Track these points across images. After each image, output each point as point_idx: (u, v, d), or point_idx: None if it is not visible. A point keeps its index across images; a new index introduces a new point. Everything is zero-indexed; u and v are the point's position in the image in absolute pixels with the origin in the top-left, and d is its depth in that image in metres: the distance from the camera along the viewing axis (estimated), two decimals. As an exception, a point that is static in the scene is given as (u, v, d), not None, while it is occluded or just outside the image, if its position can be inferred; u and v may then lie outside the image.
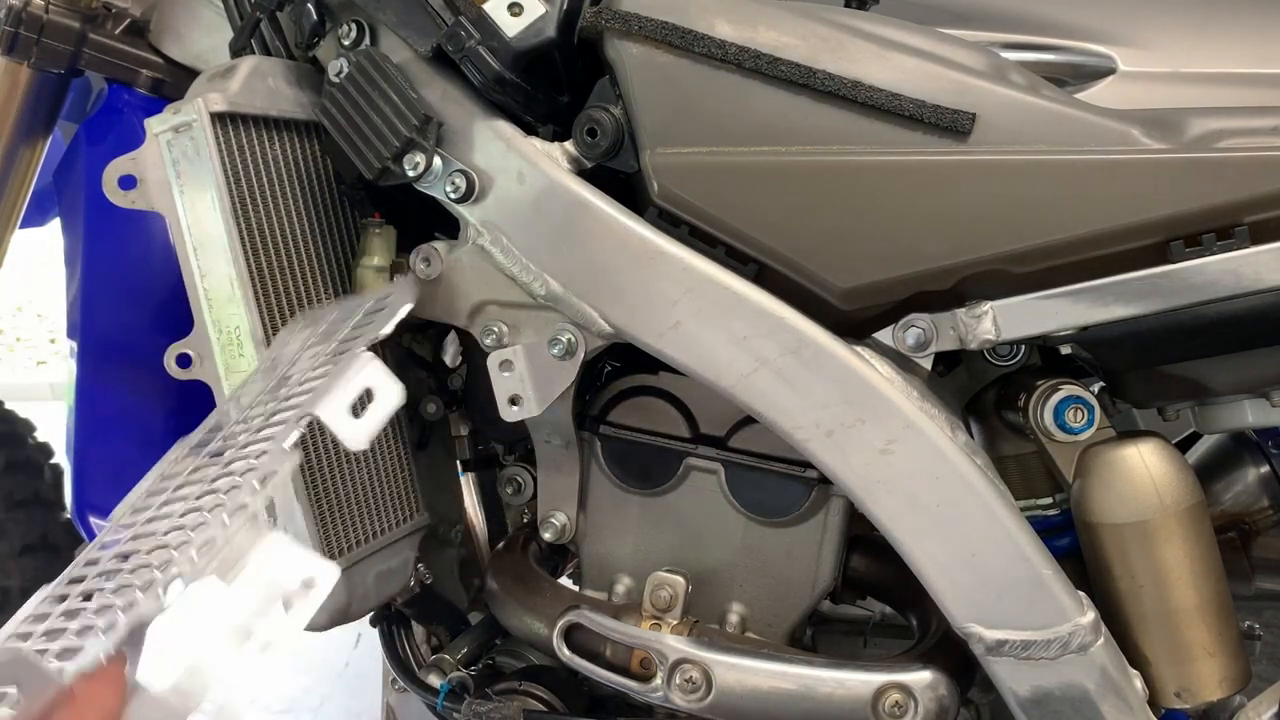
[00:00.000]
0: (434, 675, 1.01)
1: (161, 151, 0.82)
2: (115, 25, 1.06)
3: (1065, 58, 1.04)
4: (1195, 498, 0.83)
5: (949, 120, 0.80)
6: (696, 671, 0.84)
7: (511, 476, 1.05)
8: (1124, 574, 0.83)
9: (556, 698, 0.95)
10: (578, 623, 0.88)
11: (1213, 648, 0.82)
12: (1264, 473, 1.03)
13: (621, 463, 0.96)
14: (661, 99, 0.83)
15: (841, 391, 0.79)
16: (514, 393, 0.87)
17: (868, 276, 0.81)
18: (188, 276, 0.84)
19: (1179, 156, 0.77)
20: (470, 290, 0.88)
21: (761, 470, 0.92)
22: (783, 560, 0.93)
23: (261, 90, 0.86)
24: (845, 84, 0.81)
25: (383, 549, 0.95)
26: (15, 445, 1.34)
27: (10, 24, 1.00)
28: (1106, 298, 0.78)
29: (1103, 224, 0.77)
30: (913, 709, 0.81)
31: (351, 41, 0.88)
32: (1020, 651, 0.78)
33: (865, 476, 0.80)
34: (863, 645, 1.16)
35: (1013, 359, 0.96)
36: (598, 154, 0.85)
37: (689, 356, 0.82)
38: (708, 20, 0.83)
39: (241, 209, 0.83)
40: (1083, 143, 0.79)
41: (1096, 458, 0.84)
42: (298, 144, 0.91)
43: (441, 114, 0.85)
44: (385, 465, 0.97)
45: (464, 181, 0.84)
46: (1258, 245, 0.75)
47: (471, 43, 0.83)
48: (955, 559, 0.78)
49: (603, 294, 0.83)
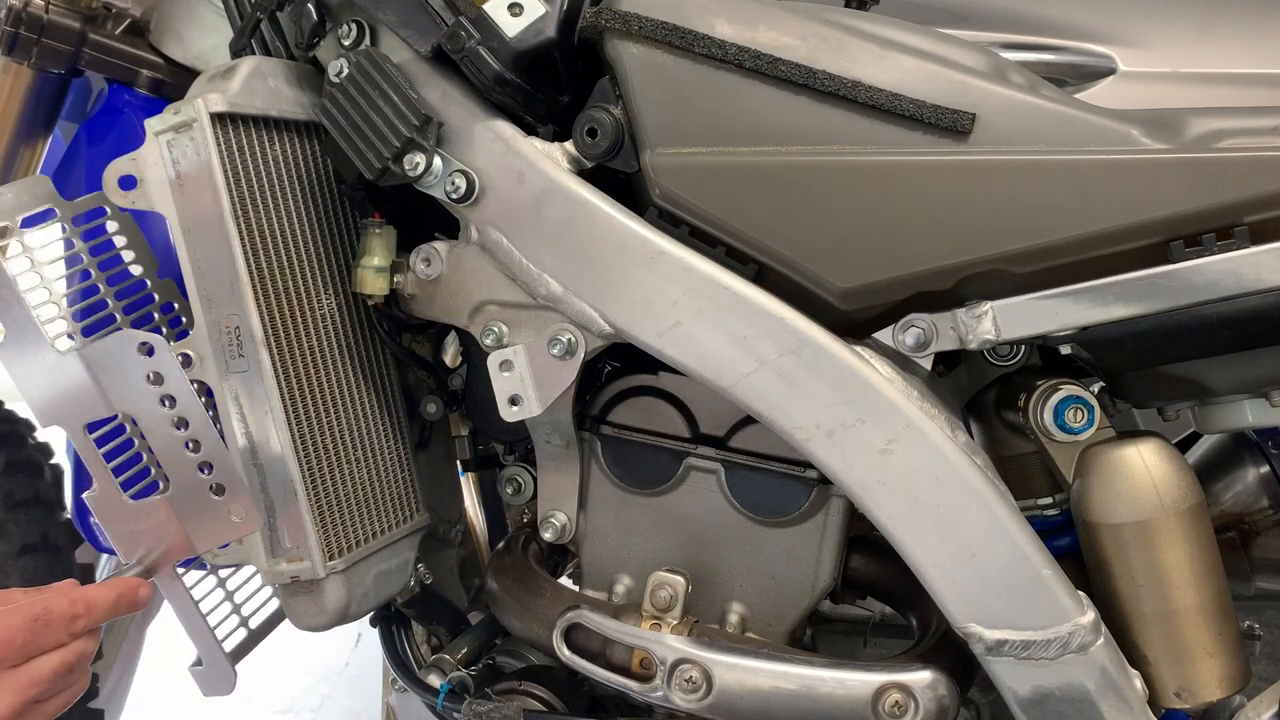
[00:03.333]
0: (434, 675, 1.01)
1: (162, 152, 0.82)
2: (115, 25, 1.06)
3: (1065, 58, 1.04)
4: (1195, 498, 0.83)
5: (949, 120, 0.80)
6: (696, 671, 0.84)
7: (511, 476, 1.05)
8: (1124, 574, 0.83)
9: (556, 698, 0.95)
10: (578, 623, 0.88)
11: (1212, 648, 0.82)
12: (1264, 473, 1.03)
13: (621, 463, 0.96)
14: (661, 99, 0.83)
15: (841, 391, 0.79)
16: (514, 393, 0.87)
17: (868, 276, 0.81)
18: (187, 277, 0.84)
19: (1179, 156, 0.77)
20: (470, 290, 0.88)
21: (761, 470, 0.92)
22: (783, 560, 0.93)
23: (262, 90, 0.86)
24: (845, 84, 0.81)
25: (383, 549, 0.95)
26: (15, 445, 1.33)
27: (10, 24, 1.01)
28: (1106, 298, 0.78)
29: (1103, 224, 0.77)
30: (913, 709, 0.81)
31: (351, 42, 0.88)
32: (1020, 651, 0.78)
33: (865, 476, 0.80)
34: (863, 645, 1.16)
35: (1013, 359, 0.96)
36: (598, 154, 0.85)
37: (689, 356, 0.82)
38: (708, 20, 0.83)
39: (242, 209, 0.83)
40: (1083, 143, 0.79)
41: (1096, 458, 0.84)
42: (298, 144, 0.91)
43: (442, 114, 0.85)
44: (385, 465, 0.97)
45: (464, 182, 0.84)
46: (1258, 245, 0.75)
47: (471, 43, 0.83)
48: (955, 559, 0.78)
49: (603, 294, 0.83)
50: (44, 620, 0.70)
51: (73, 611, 0.72)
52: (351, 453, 0.92)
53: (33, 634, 0.70)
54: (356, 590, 0.92)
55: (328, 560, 0.87)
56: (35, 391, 0.81)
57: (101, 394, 0.80)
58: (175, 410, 0.81)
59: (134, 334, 0.80)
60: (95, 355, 0.80)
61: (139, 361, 0.79)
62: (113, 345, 0.80)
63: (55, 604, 0.72)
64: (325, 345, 0.90)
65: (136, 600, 0.78)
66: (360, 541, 0.92)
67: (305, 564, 0.87)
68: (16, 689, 0.69)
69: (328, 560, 0.87)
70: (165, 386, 0.80)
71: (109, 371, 0.80)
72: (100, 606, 0.75)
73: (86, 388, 0.80)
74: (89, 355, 0.80)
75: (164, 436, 0.81)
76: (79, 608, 0.73)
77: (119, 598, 0.76)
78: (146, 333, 0.80)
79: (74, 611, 0.72)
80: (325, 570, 0.87)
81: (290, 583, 0.88)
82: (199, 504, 0.82)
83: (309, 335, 0.89)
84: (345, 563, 0.89)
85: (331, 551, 0.88)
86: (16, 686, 0.69)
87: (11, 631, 0.69)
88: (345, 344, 0.93)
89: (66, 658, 0.72)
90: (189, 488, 0.82)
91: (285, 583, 0.88)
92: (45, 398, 0.81)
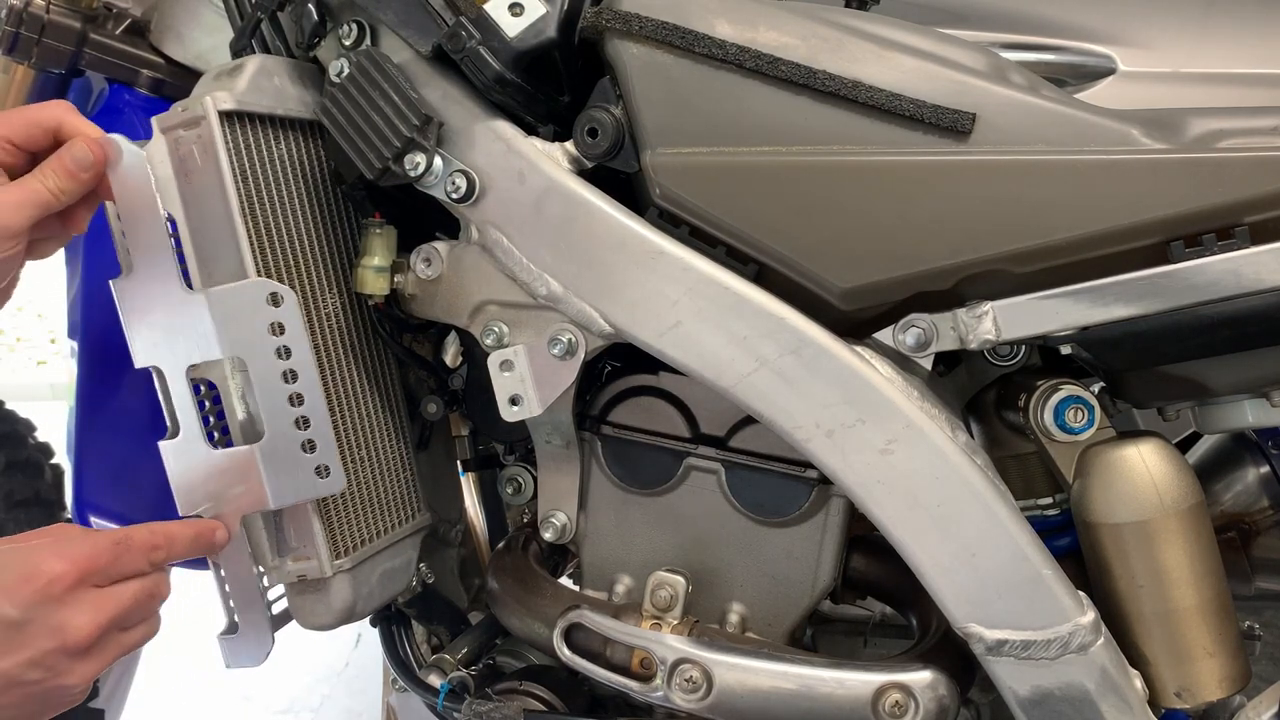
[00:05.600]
0: (434, 675, 1.01)
1: (169, 149, 0.82)
2: (116, 25, 1.06)
3: (1065, 58, 1.04)
4: (1195, 498, 0.83)
5: (949, 120, 0.80)
6: (696, 671, 0.84)
7: (512, 476, 1.05)
8: (1124, 574, 0.83)
9: (556, 698, 0.95)
10: (578, 623, 0.88)
11: (1212, 648, 0.82)
12: (1264, 473, 1.03)
13: (622, 463, 0.96)
14: (662, 99, 0.83)
15: (841, 391, 0.79)
16: (514, 393, 0.87)
17: (868, 276, 0.81)
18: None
19: (1179, 156, 0.77)
20: (470, 290, 0.88)
21: (761, 470, 0.92)
22: (783, 560, 0.93)
23: (268, 89, 0.86)
24: (845, 84, 0.81)
25: (386, 548, 0.95)
26: (15, 445, 1.34)
27: (11, 24, 1.01)
28: (1106, 298, 0.78)
29: (1103, 224, 0.77)
30: (913, 709, 0.81)
31: (352, 41, 0.88)
32: (1020, 651, 0.78)
33: (865, 476, 0.80)
34: (863, 645, 1.16)
35: (1013, 359, 0.96)
36: (598, 154, 0.85)
37: (689, 356, 0.82)
38: (708, 20, 0.83)
39: (249, 208, 0.83)
40: (1083, 143, 0.79)
41: (1096, 458, 0.84)
42: (303, 144, 0.91)
43: (442, 114, 0.85)
44: (389, 464, 0.97)
45: (464, 182, 0.84)
46: (1258, 245, 0.75)
47: (472, 43, 0.83)
48: (955, 559, 0.79)
49: (603, 294, 0.83)
50: (125, 545, 0.74)
51: (153, 541, 0.76)
52: (356, 452, 0.92)
53: (115, 556, 0.73)
54: (362, 589, 0.92)
55: (334, 559, 0.88)
56: (145, 329, 0.82)
57: (218, 336, 0.81)
58: (289, 362, 0.82)
59: (267, 283, 0.82)
60: (224, 297, 0.81)
61: (265, 311, 0.81)
62: (247, 290, 0.81)
63: (136, 532, 0.76)
64: (329, 344, 0.90)
65: (214, 542, 0.81)
66: (365, 540, 0.92)
67: (312, 563, 0.87)
68: (101, 607, 0.72)
69: (334, 559, 0.88)
70: (285, 338, 0.82)
71: (233, 316, 0.81)
72: (180, 541, 0.78)
73: (204, 329, 0.81)
74: (218, 296, 0.81)
75: (272, 386, 0.82)
76: (159, 539, 0.76)
77: (198, 535, 0.80)
78: (277, 283, 0.82)
79: (154, 541, 0.76)
80: (332, 569, 0.87)
81: (296, 581, 0.88)
82: (288, 458, 0.83)
83: (314, 334, 0.88)
84: (351, 561, 0.89)
85: (338, 550, 0.88)
86: (101, 605, 0.72)
87: (97, 550, 0.72)
88: (349, 343, 0.93)
89: (146, 585, 0.75)
90: (283, 440, 0.83)
91: (292, 582, 0.88)
92: (153, 336, 0.82)
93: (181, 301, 0.81)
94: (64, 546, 0.72)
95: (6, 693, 0.70)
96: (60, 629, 0.70)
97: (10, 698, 0.70)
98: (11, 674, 0.69)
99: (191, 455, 0.83)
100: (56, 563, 0.70)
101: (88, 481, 1.07)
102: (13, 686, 0.70)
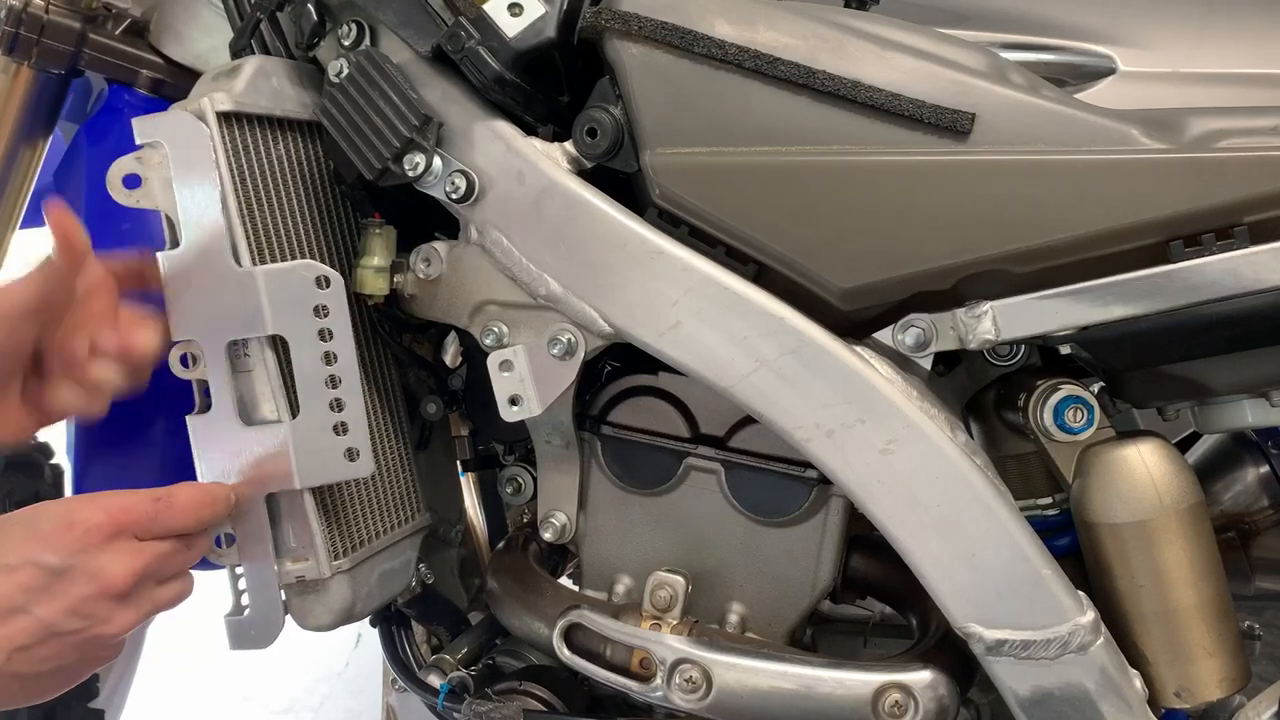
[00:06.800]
0: (434, 675, 1.01)
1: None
2: (115, 25, 1.06)
3: (1065, 58, 1.04)
4: (1195, 498, 0.83)
5: (949, 120, 0.80)
6: (696, 671, 0.84)
7: (511, 476, 1.05)
8: (1124, 574, 0.83)
9: (556, 698, 0.95)
10: (578, 623, 0.88)
11: (1212, 647, 0.82)
12: (1264, 473, 1.03)
13: (621, 463, 0.96)
14: (661, 99, 0.83)
15: (841, 391, 0.79)
16: (514, 393, 0.87)
17: (868, 276, 0.81)
18: None
19: (1179, 156, 0.77)
20: (470, 290, 0.88)
21: (761, 470, 0.92)
22: (783, 560, 0.93)
23: (266, 90, 0.86)
24: (845, 84, 0.81)
25: (386, 549, 0.95)
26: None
27: (10, 24, 1.00)
28: (1106, 298, 0.78)
29: (1103, 224, 0.77)
30: (913, 709, 0.81)
31: (351, 42, 0.88)
32: (1020, 651, 0.78)
33: (865, 476, 0.80)
34: (863, 645, 1.16)
35: (1013, 359, 0.96)
36: (598, 154, 0.85)
37: (689, 356, 0.82)
38: (708, 20, 0.83)
39: (247, 209, 0.83)
40: (1083, 143, 0.79)
41: (1096, 458, 0.84)
42: (301, 145, 0.91)
43: (441, 114, 0.85)
44: (388, 465, 0.97)
45: (464, 182, 0.84)
46: (1258, 245, 0.75)
47: (471, 43, 0.83)
48: (955, 559, 0.79)
49: (603, 294, 0.83)
50: (167, 502, 0.76)
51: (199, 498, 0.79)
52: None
53: (155, 512, 0.75)
54: (361, 590, 0.91)
55: (333, 560, 0.87)
56: (191, 302, 0.82)
57: (262, 313, 0.82)
58: (330, 345, 0.83)
59: (315, 264, 0.83)
60: (274, 275, 0.82)
61: (313, 292, 0.82)
62: (297, 270, 0.83)
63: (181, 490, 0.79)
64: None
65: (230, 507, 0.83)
66: (364, 541, 0.92)
67: (310, 563, 0.87)
68: (137, 554, 0.74)
69: (333, 560, 0.87)
70: (328, 320, 0.83)
71: (281, 294, 0.82)
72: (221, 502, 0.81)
73: (251, 305, 0.82)
74: (268, 274, 0.82)
75: (311, 366, 0.83)
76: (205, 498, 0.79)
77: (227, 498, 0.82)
78: (326, 267, 0.83)
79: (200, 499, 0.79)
80: (331, 570, 0.87)
81: (295, 582, 0.88)
82: (319, 438, 0.83)
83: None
84: (350, 562, 0.89)
85: (336, 551, 0.88)
86: (137, 551, 0.74)
87: (134, 501, 0.75)
88: (348, 343, 0.93)
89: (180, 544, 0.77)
90: (316, 420, 0.83)
91: (290, 582, 0.88)
92: (199, 308, 0.82)
93: (231, 276, 0.82)
94: (101, 498, 0.75)
95: (46, 644, 0.71)
96: (98, 573, 0.72)
97: (49, 649, 0.71)
98: (53, 622, 0.71)
99: (220, 431, 0.83)
100: (94, 512, 0.73)
101: (87, 482, 1.07)
102: (52, 637, 0.71)
